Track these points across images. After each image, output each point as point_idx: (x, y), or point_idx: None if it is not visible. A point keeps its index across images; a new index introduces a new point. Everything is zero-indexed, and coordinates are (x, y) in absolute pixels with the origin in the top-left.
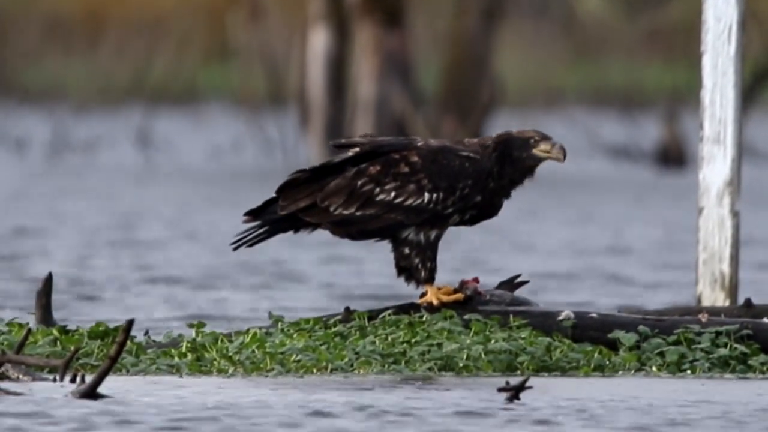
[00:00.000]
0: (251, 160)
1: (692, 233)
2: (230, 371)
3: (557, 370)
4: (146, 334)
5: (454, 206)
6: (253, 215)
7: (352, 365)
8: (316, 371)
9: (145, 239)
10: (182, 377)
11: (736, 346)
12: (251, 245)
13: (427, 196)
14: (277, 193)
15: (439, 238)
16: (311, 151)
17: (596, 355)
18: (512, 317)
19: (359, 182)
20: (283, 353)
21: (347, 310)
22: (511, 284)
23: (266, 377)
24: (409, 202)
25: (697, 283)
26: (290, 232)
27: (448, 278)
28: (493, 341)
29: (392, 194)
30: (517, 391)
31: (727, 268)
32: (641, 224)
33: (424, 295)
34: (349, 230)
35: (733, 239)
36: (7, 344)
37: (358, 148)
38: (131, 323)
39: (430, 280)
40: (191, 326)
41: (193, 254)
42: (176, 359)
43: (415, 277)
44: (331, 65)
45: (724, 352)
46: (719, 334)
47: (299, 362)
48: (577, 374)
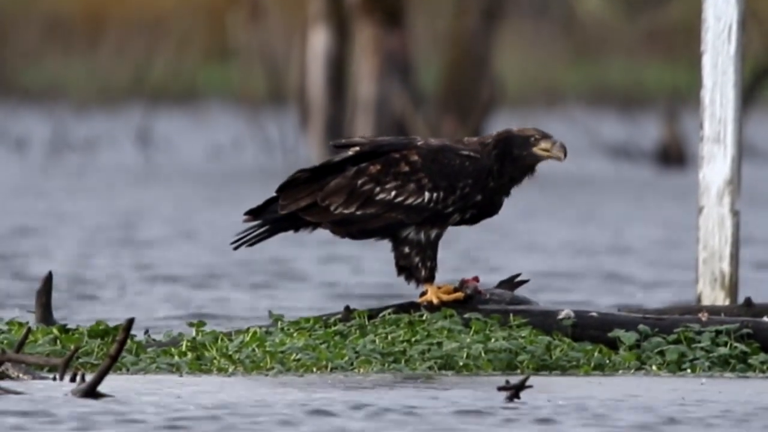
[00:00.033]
0: (251, 159)
1: (692, 232)
2: (230, 370)
3: (557, 369)
4: (146, 333)
5: (454, 205)
6: (253, 215)
7: (352, 364)
8: (316, 370)
9: (145, 238)
10: (182, 376)
11: (736, 345)
12: (251, 245)
13: (427, 195)
14: (277, 192)
15: (439, 237)
16: (311, 150)
17: (596, 354)
18: (512, 316)
19: (359, 181)
20: (283, 352)
21: (347, 309)
22: (511, 283)
23: (266, 376)
24: (409, 201)
25: (697, 282)
26: (290, 231)
27: (448, 277)
28: (493, 340)
29: (392, 193)
30: (517, 390)
31: (727, 267)
32: (641, 223)
33: (424, 294)
34: (349, 229)
35: (733, 238)
36: (7, 343)
37: (358, 147)
38: (131, 322)
39: (430, 279)
40: (191, 325)
41: (193, 253)
42: (176, 358)
43: (415, 276)
44: (331, 65)
45: (724, 351)
46: (719, 333)
47: (299, 361)
48: (577, 373)
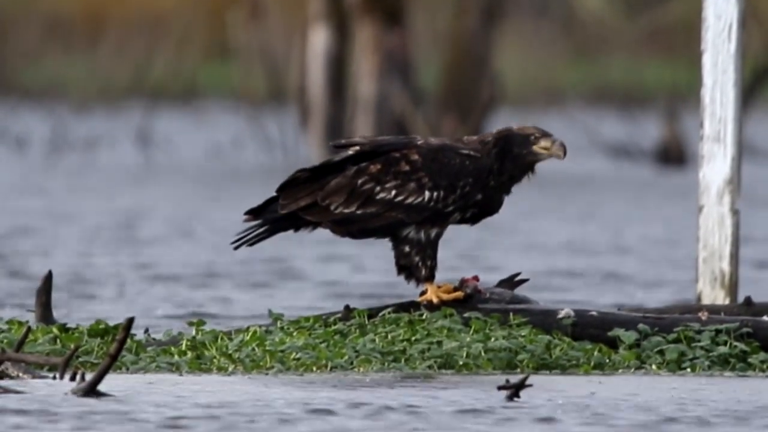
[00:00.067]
0: (251, 158)
1: (692, 231)
2: (230, 369)
3: (557, 368)
4: (146, 332)
5: (454, 204)
6: (253, 214)
7: (352, 363)
8: (316, 369)
9: (145, 237)
10: (182, 375)
11: (736, 344)
12: (252, 244)
13: (427, 194)
14: (277, 192)
15: (439, 236)
16: (311, 149)
17: (596, 353)
18: (512, 315)
19: (360, 181)
20: (283, 351)
21: (347, 308)
22: (510, 282)
23: (266, 375)
24: (409, 200)
25: (697, 281)
26: (291, 231)
27: (447, 276)
28: (493, 339)
29: (393, 193)
30: (517, 389)
31: (727, 266)
32: (641, 222)
33: (424, 293)
34: (349, 229)
35: (733, 237)
36: (7, 342)
37: (358, 147)
38: (131, 321)
39: (430, 278)
40: (191, 324)
41: (193, 252)
42: (176, 357)
43: (415, 275)
44: (331, 64)
45: (724, 350)
46: (719, 332)
47: (299, 360)
48: (577, 372)
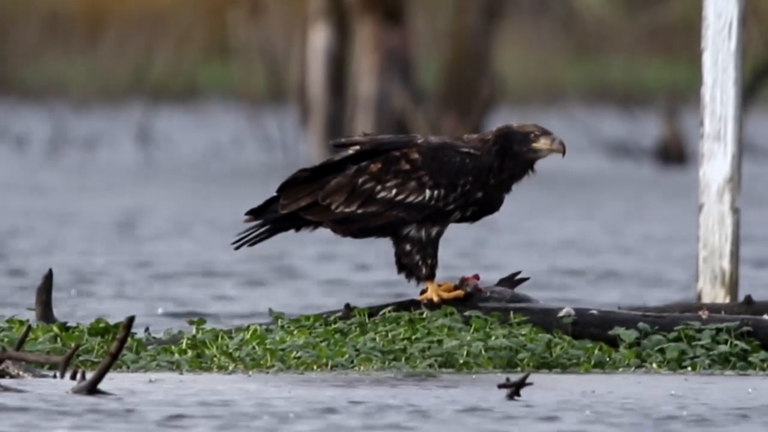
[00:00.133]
0: (251, 157)
1: (692, 230)
2: (230, 368)
3: (557, 366)
4: (146, 330)
5: (455, 203)
6: (254, 214)
7: (352, 362)
8: (316, 368)
9: (145, 236)
10: (182, 374)
11: (736, 342)
12: (252, 244)
13: (428, 193)
14: (277, 192)
15: (440, 234)
16: (311, 148)
17: (596, 351)
18: (512, 314)
19: (360, 180)
20: (283, 350)
21: (347, 306)
22: (511, 281)
23: (267, 374)
24: (410, 199)
25: (697, 279)
26: (291, 230)
27: (448, 275)
28: (493, 338)
29: (393, 191)
30: (517, 387)
31: (727, 264)
32: (641, 221)
33: (424, 291)
34: (350, 228)
35: (733, 236)
36: (7, 341)
37: (358, 146)
38: (132, 320)
39: (430, 276)
40: (191, 323)
41: (193, 251)
42: (176, 356)
43: (415, 274)
44: (331, 62)
45: (724, 348)
46: (719, 330)
47: (299, 359)
48: (577, 371)
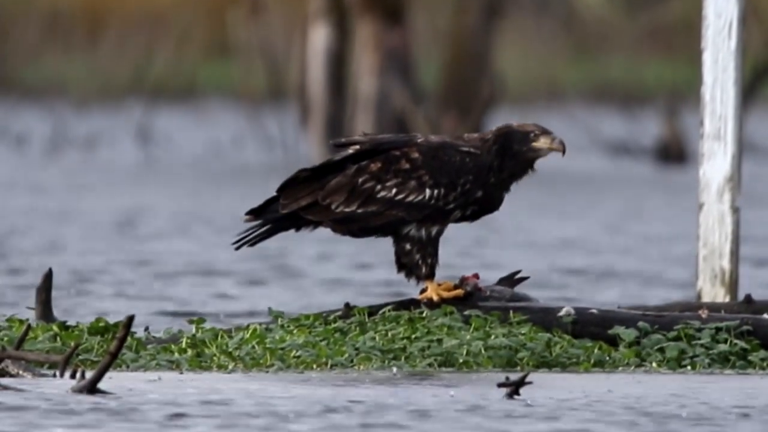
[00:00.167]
0: (251, 156)
1: (692, 229)
2: (230, 367)
3: (557, 365)
4: (146, 329)
5: (455, 202)
6: (254, 214)
7: (352, 361)
8: (316, 367)
9: (145, 235)
10: (182, 373)
11: (736, 342)
12: (253, 244)
13: (428, 192)
14: (277, 192)
15: (440, 234)
16: (311, 147)
17: (596, 350)
18: (512, 313)
19: (360, 179)
20: (283, 349)
21: (347, 306)
22: (510, 280)
23: (266, 373)
24: (410, 198)
25: (697, 279)
26: (291, 230)
27: (447, 274)
28: (493, 337)
29: (393, 191)
30: (517, 386)
31: (727, 264)
32: (641, 220)
33: (424, 291)
34: (350, 227)
35: (733, 235)
36: (7, 340)
37: (358, 145)
38: (131, 319)
39: (430, 276)
40: (191, 322)
41: (193, 250)
42: (176, 355)
43: (415, 273)
44: (331, 62)
45: (724, 348)
46: (719, 330)
47: (299, 358)
48: (577, 370)
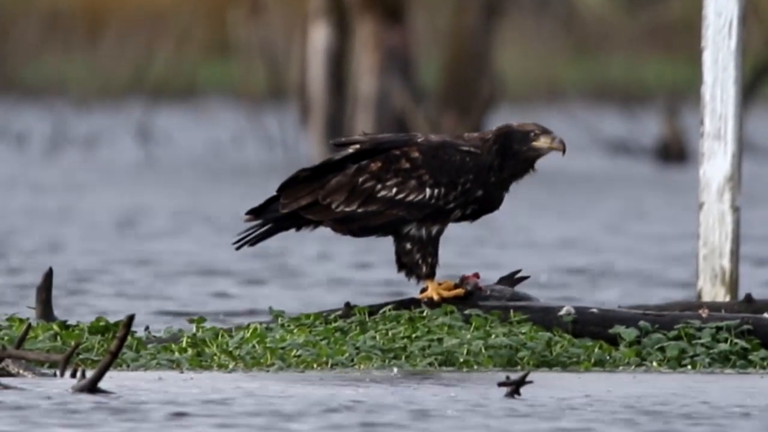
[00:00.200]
0: (251, 155)
1: (692, 228)
2: (231, 366)
3: (558, 365)
4: (146, 329)
5: (455, 201)
6: (254, 214)
7: (352, 360)
8: (316, 366)
9: (145, 234)
10: (183, 372)
11: (736, 341)
12: (253, 244)
13: (428, 191)
14: (278, 191)
15: (440, 233)
16: (311, 146)
17: (596, 350)
18: (513, 312)
19: (360, 179)
20: (283, 348)
21: (347, 305)
22: (511, 279)
23: (267, 372)
24: (410, 197)
25: (697, 278)
26: (292, 230)
27: (448, 273)
28: (493, 336)
29: (393, 190)
30: (517, 385)
31: (727, 263)
32: (641, 220)
33: (424, 290)
34: (350, 227)
35: (733, 234)
36: (7, 339)
37: (358, 145)
38: (132, 318)
39: (430, 275)
40: (192, 321)
41: (193, 249)
42: (177, 354)
43: (415, 272)
44: (331, 61)
45: (724, 347)
46: (720, 329)
47: (300, 357)
48: (577, 369)
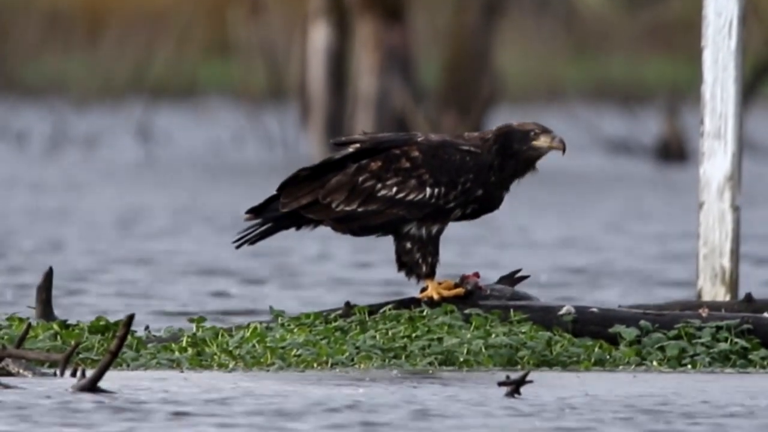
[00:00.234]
0: (252, 155)
1: (693, 228)
2: (231, 366)
3: (558, 364)
4: (146, 328)
5: (455, 200)
6: (254, 213)
7: (352, 360)
8: (316, 366)
9: (145, 233)
10: (183, 372)
11: (736, 340)
12: (253, 243)
13: (428, 190)
14: (278, 190)
15: (440, 232)
16: (311, 146)
17: (597, 349)
18: (513, 312)
19: (360, 178)
20: (283, 348)
21: (348, 304)
22: (511, 279)
23: (267, 372)
24: (410, 197)
25: (697, 277)
26: (292, 229)
27: (447, 273)
28: (493, 336)
29: (394, 189)
30: (517, 385)
31: (727, 262)
32: (641, 219)
33: (424, 289)
34: (350, 226)
35: (733, 234)
36: (7, 339)
37: (358, 144)
38: (132, 318)
39: (431, 274)
40: (192, 321)
41: (193, 248)
42: (177, 354)
43: (415, 272)
44: (331, 60)
45: (724, 346)
46: (720, 328)
47: (300, 357)
48: (577, 369)
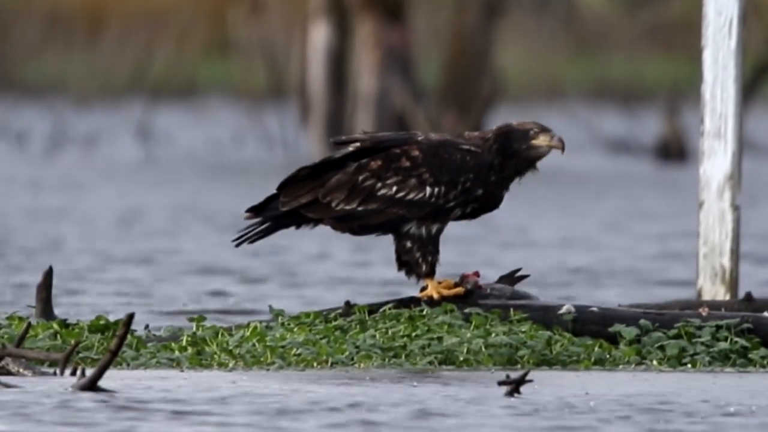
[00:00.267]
0: (252, 154)
1: (693, 227)
2: (231, 365)
3: (558, 363)
4: (146, 327)
5: (455, 200)
6: (254, 212)
7: (352, 359)
8: (316, 365)
9: (145, 232)
10: (183, 371)
11: (736, 339)
12: (253, 242)
13: (428, 190)
14: (278, 189)
15: (440, 232)
16: (311, 145)
17: (597, 348)
18: (513, 311)
19: (360, 177)
20: (283, 347)
21: (347, 304)
22: (511, 278)
23: (267, 371)
24: (410, 196)
25: (697, 277)
26: (292, 227)
27: (447, 272)
28: (493, 335)
29: (394, 189)
30: (517, 384)
31: (727, 262)
32: (641, 218)
33: (424, 289)
34: (350, 225)
35: (733, 233)
36: (7, 338)
37: (358, 143)
38: (131, 317)
39: (430, 274)
40: (191, 320)
41: (193, 248)
42: (177, 353)
43: (415, 271)
44: (331, 59)
45: (724, 345)
46: (720, 327)
47: (300, 356)
48: (577, 368)
